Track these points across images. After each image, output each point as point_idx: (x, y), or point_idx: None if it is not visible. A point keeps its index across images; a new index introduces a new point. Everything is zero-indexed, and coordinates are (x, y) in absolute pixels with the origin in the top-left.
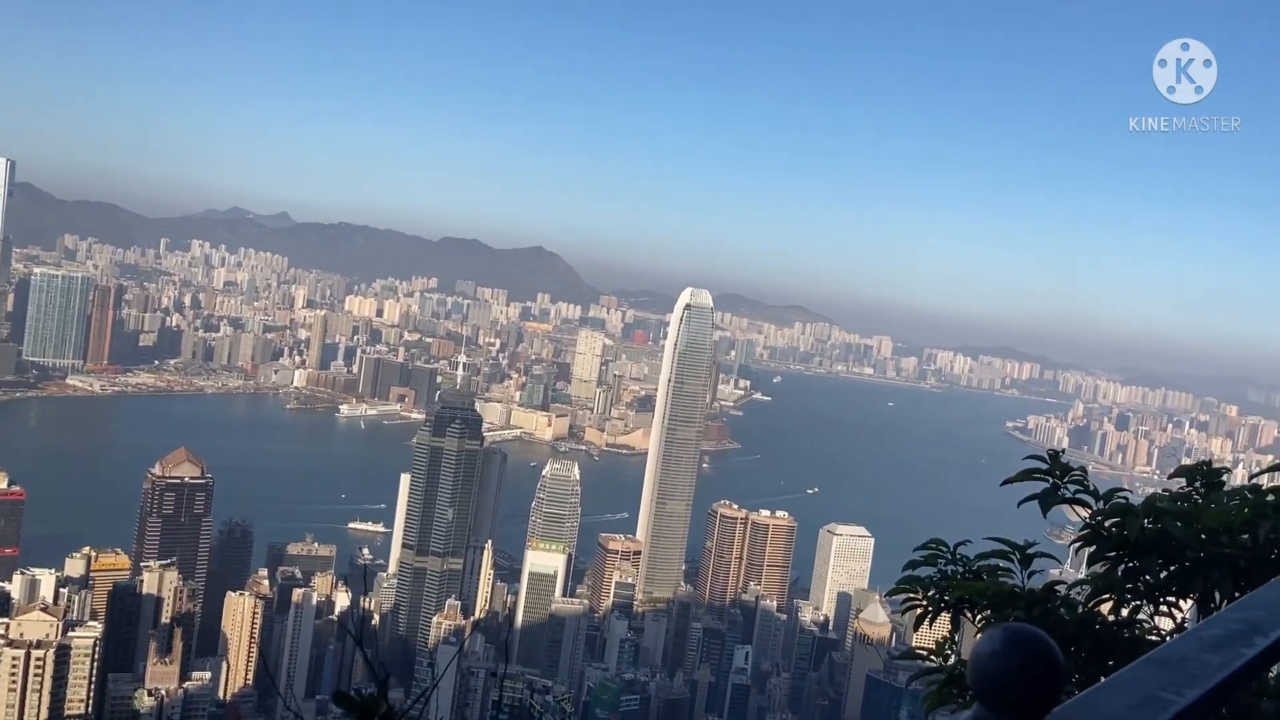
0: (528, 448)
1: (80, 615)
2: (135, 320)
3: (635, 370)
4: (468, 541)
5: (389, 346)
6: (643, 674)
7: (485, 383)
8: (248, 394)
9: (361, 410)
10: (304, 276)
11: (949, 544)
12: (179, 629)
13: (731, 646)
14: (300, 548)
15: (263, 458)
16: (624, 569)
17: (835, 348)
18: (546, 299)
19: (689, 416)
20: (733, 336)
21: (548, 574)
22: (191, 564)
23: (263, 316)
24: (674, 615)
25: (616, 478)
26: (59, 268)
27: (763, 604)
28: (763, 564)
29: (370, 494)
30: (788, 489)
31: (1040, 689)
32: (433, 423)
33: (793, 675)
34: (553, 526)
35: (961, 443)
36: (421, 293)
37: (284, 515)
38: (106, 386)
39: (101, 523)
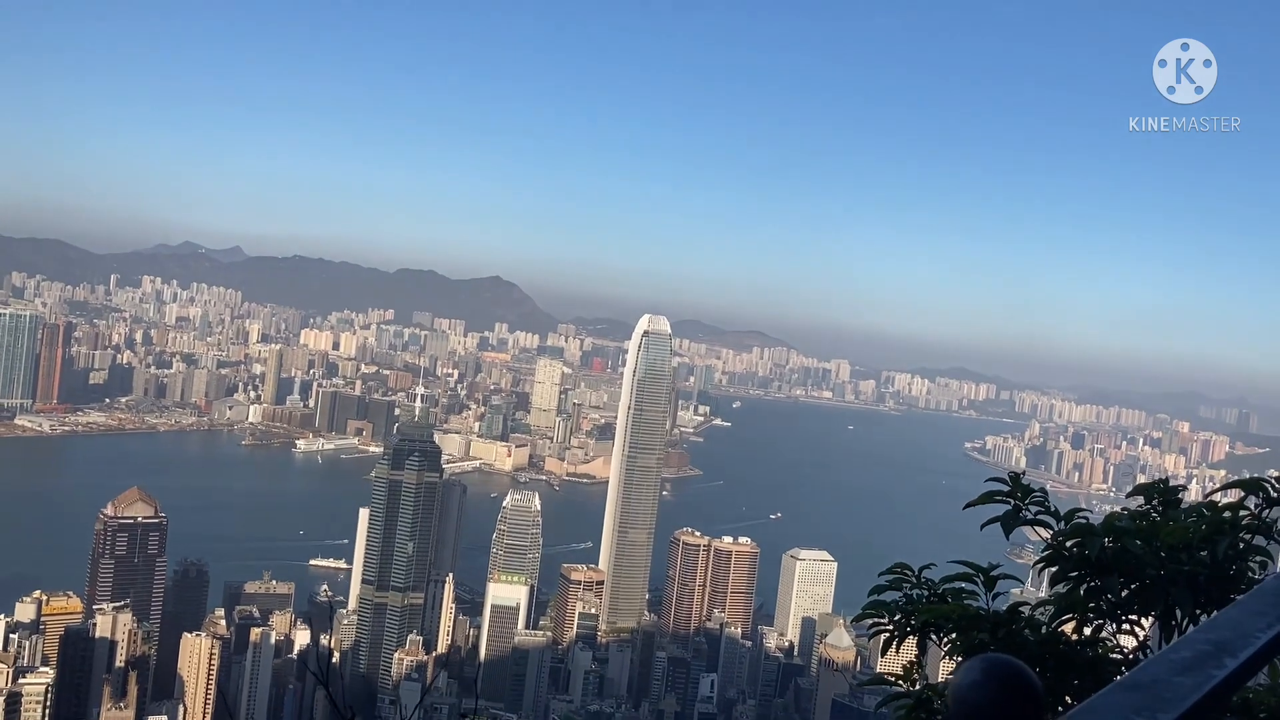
0: (488, 479)
1: (31, 661)
2: (85, 358)
3: (594, 398)
4: (429, 575)
5: (346, 380)
6: (608, 705)
7: (444, 414)
8: (202, 431)
9: (318, 445)
10: (258, 311)
11: (913, 568)
12: (134, 672)
13: (697, 675)
14: (258, 586)
15: (218, 495)
16: (587, 599)
17: (794, 372)
18: (504, 328)
19: (649, 444)
20: (691, 363)
21: (510, 606)
22: (146, 605)
23: (216, 352)
24: (638, 645)
25: (577, 507)
26: (6, 306)
27: (727, 631)
28: (726, 591)
29: (329, 529)
30: (750, 515)
31: (1020, 718)
32: (391, 456)
33: (759, 702)
34: (514, 558)
35: (922, 464)
36: (378, 324)
37: (241, 553)
38: (56, 426)
39: (53, 565)
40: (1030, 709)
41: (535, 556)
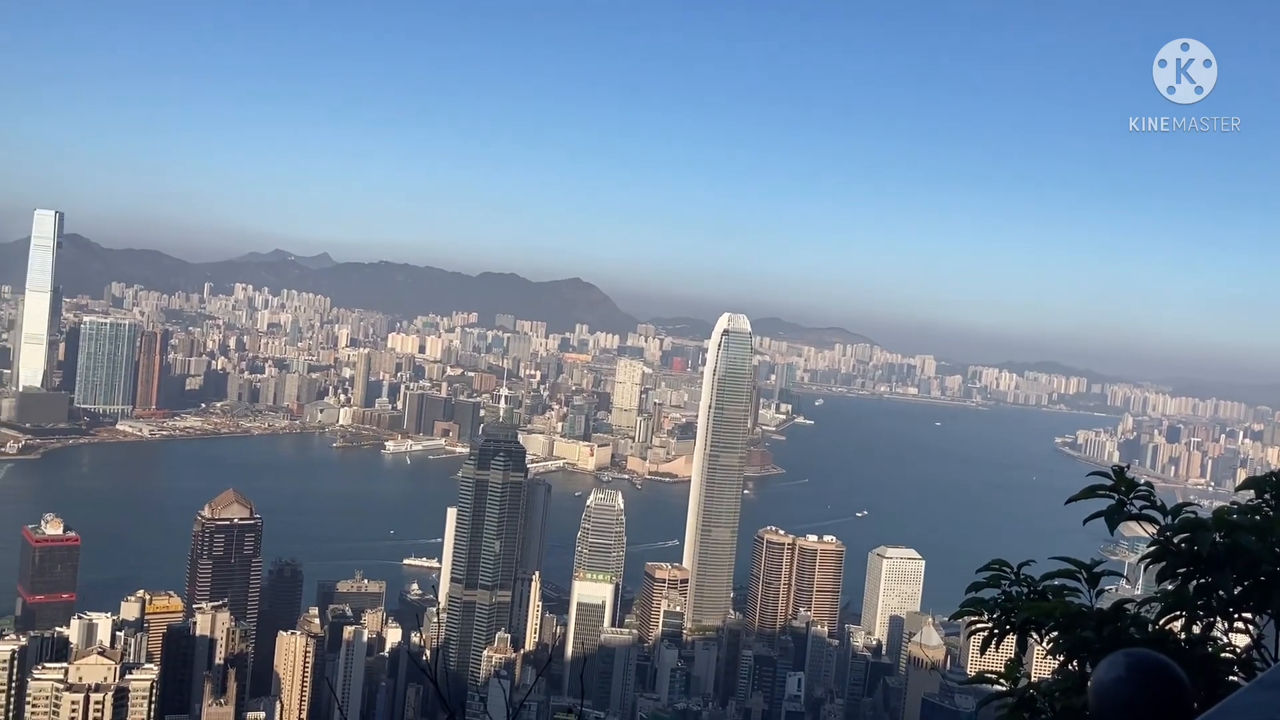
0: (571, 478)
1: (137, 658)
2: (182, 365)
3: (675, 398)
4: (516, 574)
5: (432, 382)
6: (695, 703)
7: (527, 415)
8: (294, 434)
9: (407, 446)
10: (346, 316)
11: (1011, 564)
12: (233, 669)
13: (783, 673)
14: (350, 585)
15: (310, 497)
16: (671, 598)
17: (877, 368)
18: (585, 329)
19: (731, 442)
20: (772, 361)
21: (595, 604)
22: (243, 604)
23: (307, 356)
24: (724, 643)
25: (660, 506)
26: (107, 315)
27: (813, 630)
28: (812, 589)
29: (418, 529)
30: (835, 513)
31: (1167, 716)
32: (477, 456)
33: (847, 701)
34: (599, 557)
35: (1010, 461)
36: (462, 328)
37: (333, 553)
38: (155, 431)
39: (154, 566)
40: (1178, 705)
41: (619, 555)
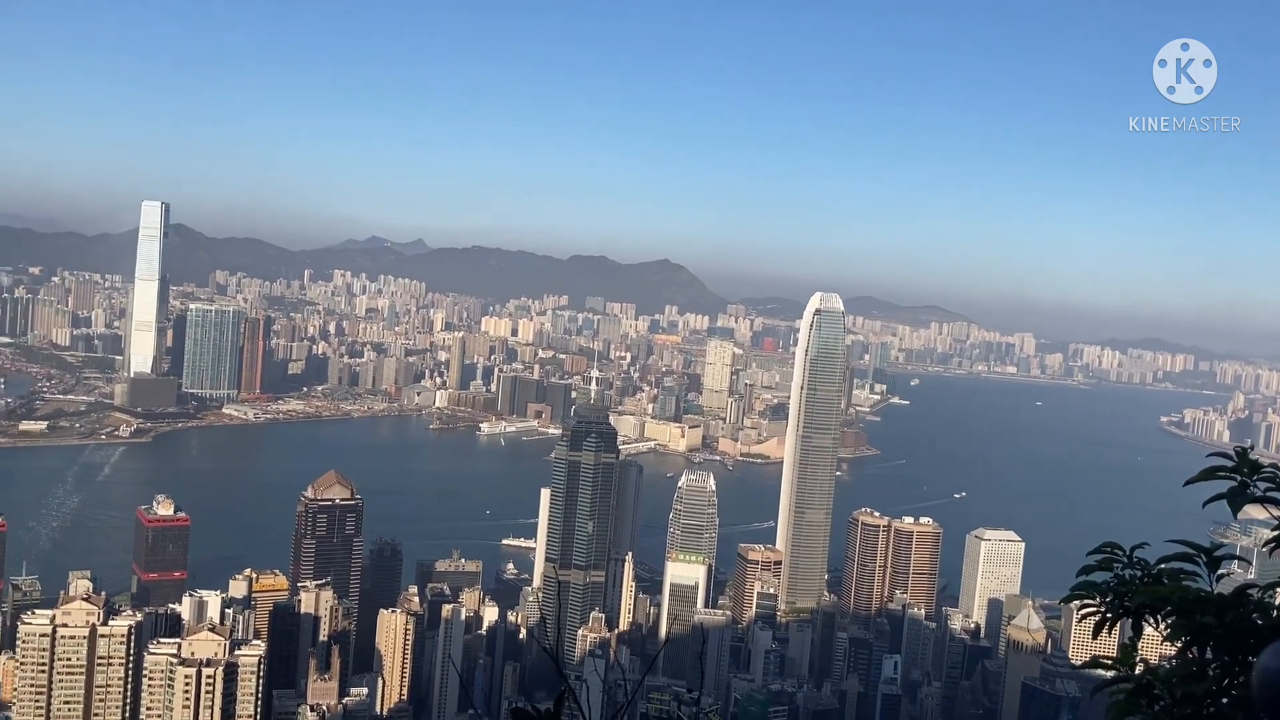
0: (662, 460)
1: (245, 634)
2: (284, 349)
3: (766, 378)
4: (609, 554)
5: (525, 364)
6: (789, 685)
7: (618, 396)
8: (392, 416)
9: (501, 428)
10: (441, 300)
11: (1124, 547)
12: (336, 646)
13: (879, 656)
14: (448, 564)
15: (408, 477)
16: (765, 579)
17: (975, 347)
18: (674, 311)
19: (824, 423)
20: (866, 340)
21: (689, 585)
22: (345, 583)
23: (404, 341)
24: (819, 625)
25: (752, 487)
26: (212, 303)
27: (910, 612)
28: (908, 572)
29: (513, 510)
30: (931, 494)
31: None
32: (569, 438)
33: (944, 684)
34: (691, 538)
35: (1114, 441)
36: (553, 310)
37: (431, 533)
38: (259, 414)
39: (260, 545)
40: None
41: (712, 536)
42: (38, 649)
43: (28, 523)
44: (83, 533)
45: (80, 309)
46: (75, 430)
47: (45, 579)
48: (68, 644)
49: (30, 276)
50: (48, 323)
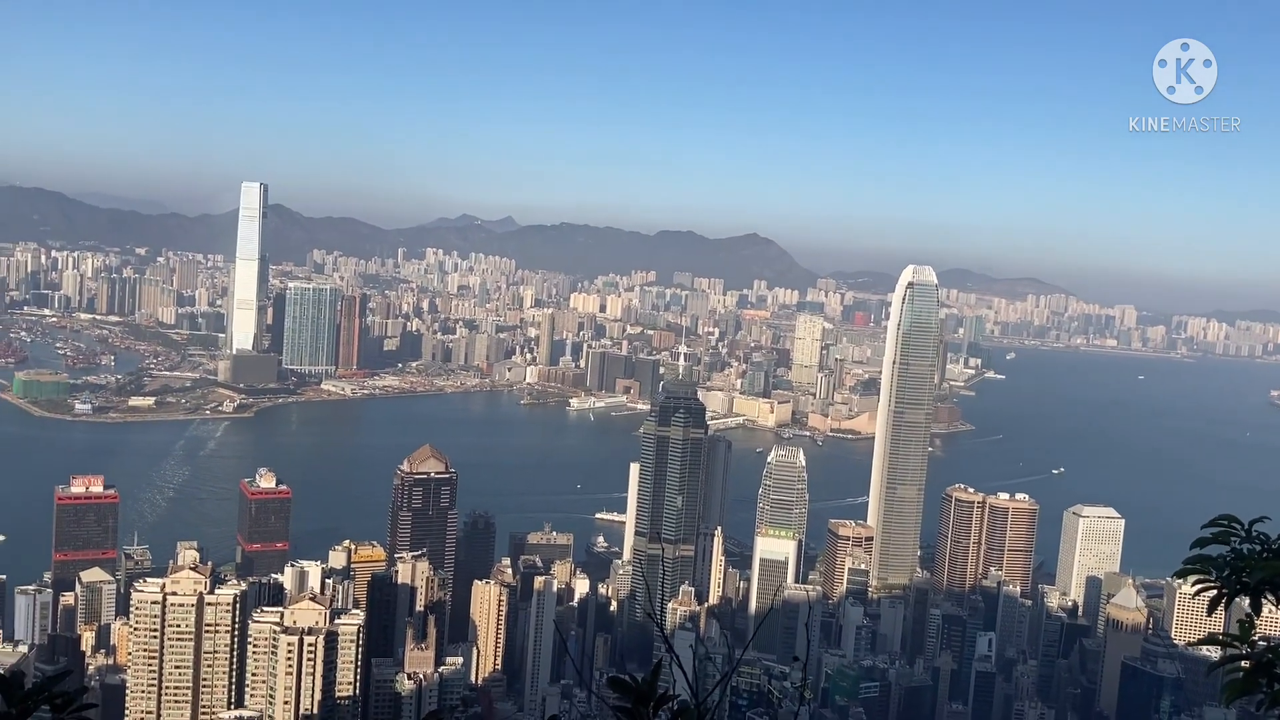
0: (751, 435)
1: (344, 604)
2: (379, 326)
3: (857, 353)
4: (698, 528)
5: (613, 340)
6: (881, 661)
7: (706, 372)
8: (484, 391)
9: (590, 403)
10: (531, 277)
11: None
12: (432, 616)
13: (973, 633)
14: (540, 537)
15: (500, 452)
16: (856, 555)
17: (1073, 320)
18: (763, 285)
19: (916, 398)
20: (960, 314)
21: (779, 560)
22: (440, 554)
23: (494, 317)
24: (911, 601)
25: (843, 463)
26: (310, 281)
27: (1005, 589)
28: (1003, 548)
29: (603, 484)
30: (1028, 470)
31: None
32: (658, 413)
33: (1040, 662)
34: (781, 513)
35: (1220, 416)
36: (641, 286)
37: (523, 506)
38: (356, 390)
39: (358, 517)
40: None
41: (802, 511)
42: (149, 616)
43: (138, 495)
44: (190, 504)
45: (184, 288)
46: (181, 406)
47: (155, 548)
48: (177, 612)
49: (137, 257)
50: (154, 301)
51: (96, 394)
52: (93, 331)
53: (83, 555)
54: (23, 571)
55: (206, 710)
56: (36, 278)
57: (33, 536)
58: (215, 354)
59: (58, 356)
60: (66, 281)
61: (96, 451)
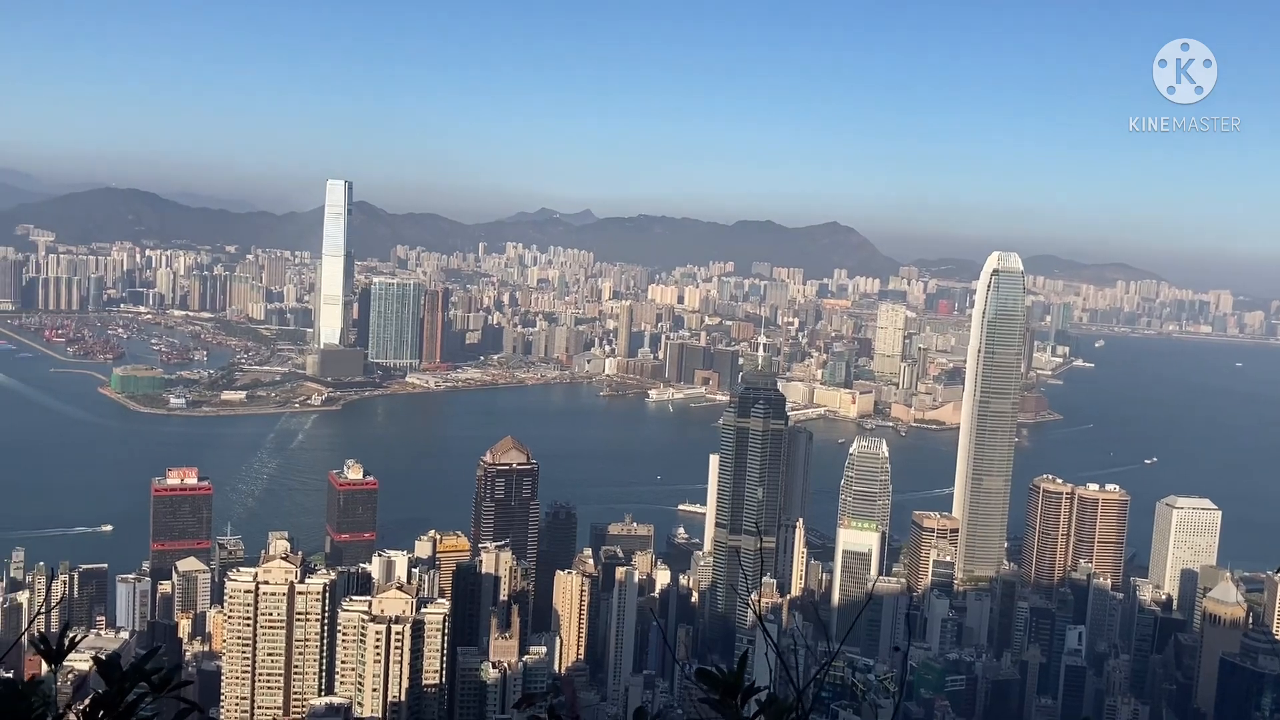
0: (832, 426)
1: (430, 593)
2: (461, 320)
3: (941, 342)
4: (779, 520)
5: (691, 331)
6: (967, 654)
7: (786, 362)
8: (564, 384)
9: (669, 394)
10: (609, 269)
11: None
12: (515, 605)
13: (1062, 626)
14: (620, 528)
15: (581, 443)
16: (941, 547)
17: (1165, 306)
18: (844, 274)
19: (1002, 388)
20: (1047, 301)
21: (861, 552)
22: (523, 544)
23: (573, 310)
24: (998, 594)
25: (927, 454)
26: (393, 276)
27: (1095, 582)
28: (1093, 540)
29: (683, 475)
30: (1119, 460)
31: None
32: (737, 404)
33: (1133, 657)
34: (863, 504)
35: None
36: (719, 277)
37: (603, 497)
38: (440, 382)
39: (443, 507)
40: None
41: (885, 503)
42: (243, 604)
43: (231, 486)
44: (280, 495)
45: (273, 284)
46: (271, 399)
47: (248, 538)
48: (269, 600)
49: (227, 255)
50: (244, 298)
51: (190, 389)
52: (186, 328)
53: (179, 545)
54: (124, 560)
55: (298, 697)
56: (132, 276)
57: (132, 527)
58: (303, 349)
59: (153, 352)
60: (160, 279)
61: (190, 444)
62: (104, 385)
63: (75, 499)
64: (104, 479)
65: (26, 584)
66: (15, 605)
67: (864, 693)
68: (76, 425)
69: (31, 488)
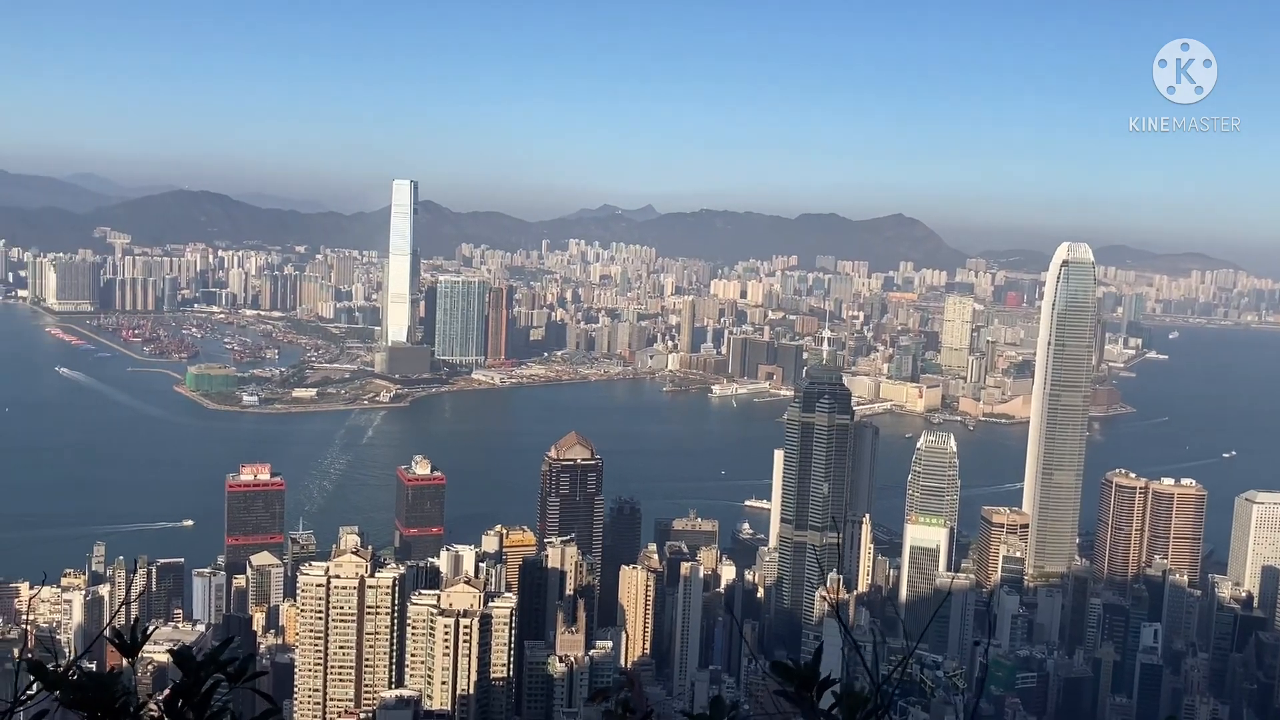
0: (899, 420)
1: (497, 587)
2: (525, 317)
3: (1010, 335)
4: (845, 516)
5: (754, 326)
6: (1038, 651)
7: (851, 357)
8: (627, 379)
9: (732, 390)
10: (671, 265)
11: None
12: (581, 600)
13: (1137, 624)
14: (685, 523)
15: (644, 438)
16: (1011, 543)
17: (1243, 296)
18: (909, 267)
19: (1073, 381)
20: (1118, 292)
21: (929, 548)
22: (588, 540)
23: (636, 306)
24: (1069, 590)
25: (996, 448)
26: (459, 274)
27: (1171, 579)
28: (1168, 536)
29: (747, 470)
30: (1195, 454)
31: None
32: (801, 399)
33: (1212, 656)
34: (931, 500)
35: None
36: (783, 271)
37: (667, 492)
38: (504, 379)
39: (509, 502)
40: None
41: (953, 498)
42: (315, 598)
43: (303, 482)
44: (350, 491)
45: (341, 283)
46: (341, 396)
47: (319, 533)
48: (340, 594)
49: (297, 255)
50: (314, 297)
51: (262, 386)
52: (257, 327)
53: (253, 540)
54: (200, 555)
55: (369, 689)
56: (205, 276)
57: (208, 522)
58: (371, 346)
59: (225, 351)
60: (232, 279)
61: (263, 441)
62: (179, 383)
63: (154, 495)
64: (180, 475)
65: (107, 578)
66: (97, 599)
67: (933, 690)
68: (153, 423)
69: (112, 484)
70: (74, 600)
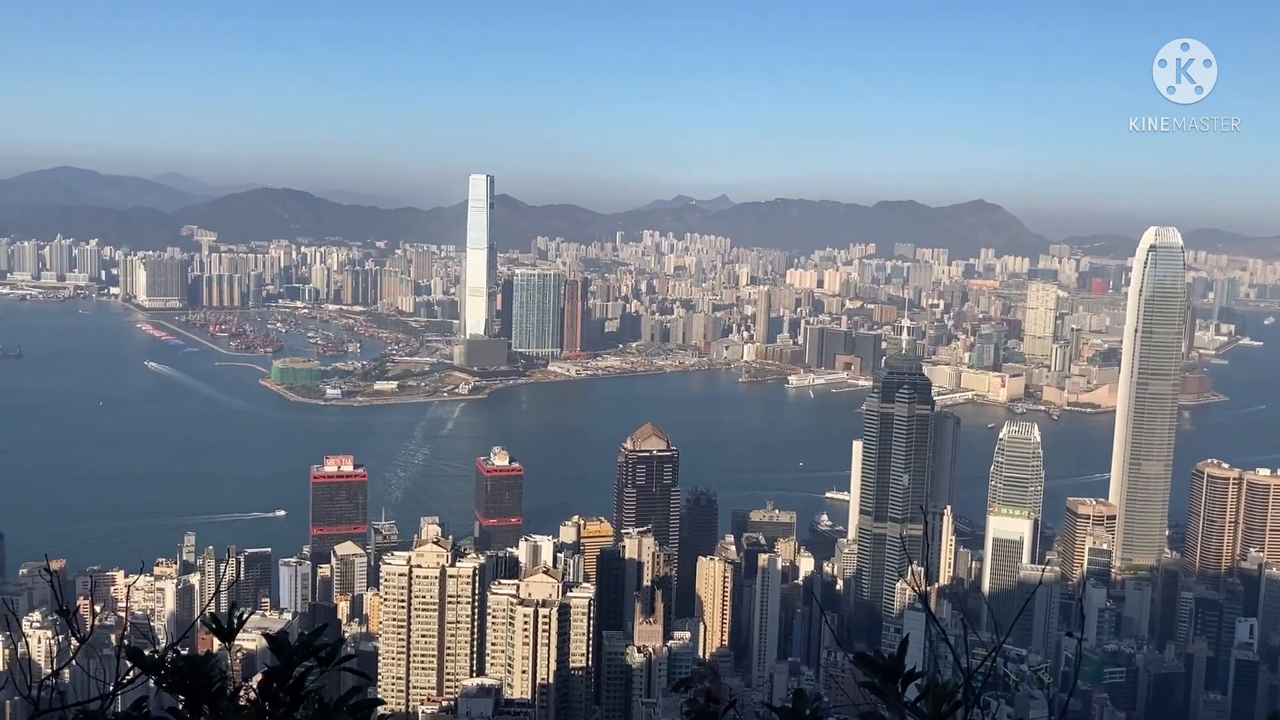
0: (981, 410)
1: (575, 577)
2: (600, 309)
3: (1095, 322)
4: (926, 507)
5: (831, 316)
6: (1127, 645)
7: (931, 346)
8: (702, 370)
9: (809, 380)
10: (746, 255)
11: None
12: (659, 591)
13: (1232, 618)
14: (762, 515)
15: (720, 429)
16: (1097, 535)
17: None
18: (991, 254)
19: (1161, 369)
20: (1209, 277)
21: (1013, 540)
22: (665, 531)
23: (711, 296)
24: (1159, 584)
25: (1081, 438)
26: (534, 267)
27: (1268, 572)
28: (1264, 528)
29: (825, 462)
30: None
31: None
32: (880, 389)
33: None
34: (1014, 491)
35: None
36: (860, 259)
37: (744, 484)
38: (580, 371)
39: (586, 493)
40: None
41: (1037, 490)
42: (397, 587)
43: (385, 473)
44: (431, 481)
45: (420, 278)
46: (421, 389)
47: (401, 523)
48: (422, 583)
49: (377, 250)
50: (394, 291)
51: (344, 379)
52: (339, 321)
53: (337, 530)
54: (286, 545)
55: (450, 677)
56: (288, 272)
57: (293, 513)
58: (450, 339)
59: (309, 345)
60: (315, 275)
61: (346, 433)
62: (264, 377)
63: (242, 486)
64: (267, 467)
65: (197, 567)
66: (188, 587)
67: (1017, 683)
68: (240, 415)
69: (202, 475)
70: (166, 589)
